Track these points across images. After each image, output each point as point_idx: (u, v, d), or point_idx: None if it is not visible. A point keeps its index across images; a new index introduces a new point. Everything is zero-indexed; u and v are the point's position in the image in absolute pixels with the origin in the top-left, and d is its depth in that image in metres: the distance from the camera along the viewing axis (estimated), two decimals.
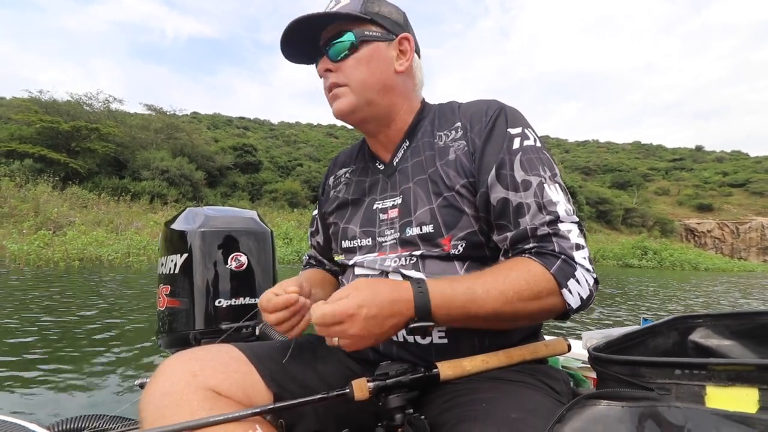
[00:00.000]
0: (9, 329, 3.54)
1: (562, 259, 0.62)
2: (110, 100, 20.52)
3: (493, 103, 0.76)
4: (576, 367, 0.94)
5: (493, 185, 0.68)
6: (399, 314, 0.58)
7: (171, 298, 1.13)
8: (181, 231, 1.16)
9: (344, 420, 0.70)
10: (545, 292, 0.61)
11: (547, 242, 0.64)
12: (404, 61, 0.77)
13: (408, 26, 0.80)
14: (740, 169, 53.12)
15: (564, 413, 0.44)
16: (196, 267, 1.12)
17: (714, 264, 27.02)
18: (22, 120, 17.28)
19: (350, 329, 0.56)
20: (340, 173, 0.92)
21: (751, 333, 0.49)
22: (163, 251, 1.20)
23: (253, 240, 1.19)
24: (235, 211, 1.25)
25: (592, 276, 0.64)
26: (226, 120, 51.68)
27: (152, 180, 18.01)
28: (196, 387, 0.59)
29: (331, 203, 0.89)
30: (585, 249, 0.65)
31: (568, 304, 0.62)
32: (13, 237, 9.59)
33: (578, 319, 5.13)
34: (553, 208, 0.65)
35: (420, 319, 0.59)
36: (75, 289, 5.92)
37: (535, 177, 0.67)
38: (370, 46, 0.74)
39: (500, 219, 0.68)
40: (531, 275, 0.61)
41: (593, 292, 0.65)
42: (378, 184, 0.82)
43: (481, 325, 0.63)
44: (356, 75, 0.74)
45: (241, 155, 25.59)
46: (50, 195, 13.74)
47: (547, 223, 0.65)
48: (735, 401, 0.36)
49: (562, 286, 0.61)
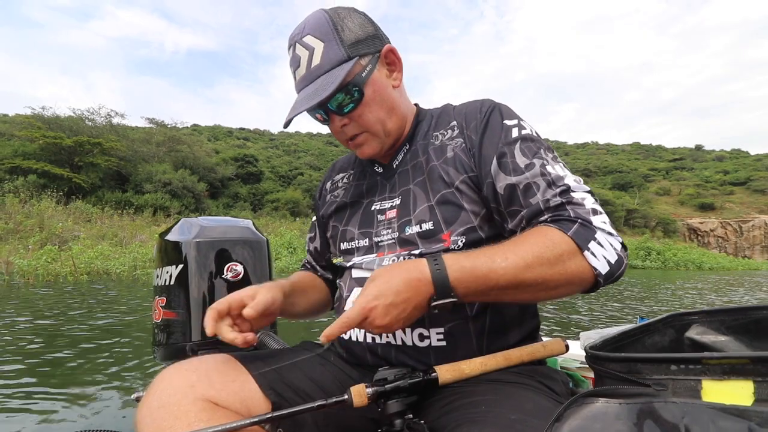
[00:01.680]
0: (11, 341, 3.54)
1: (579, 223, 0.61)
2: (112, 114, 20.79)
3: (487, 101, 0.78)
4: (575, 367, 0.93)
5: (497, 174, 0.68)
6: (418, 293, 0.57)
7: (167, 310, 1.12)
8: (175, 242, 1.15)
9: (343, 427, 0.69)
10: (566, 255, 0.58)
11: (562, 210, 0.63)
12: (397, 74, 0.77)
13: (379, 32, 0.76)
14: (741, 168, 53.03)
15: (562, 412, 0.44)
16: (191, 278, 1.11)
17: (718, 263, 26.84)
18: (26, 136, 17.45)
19: (375, 321, 0.57)
20: (337, 178, 0.93)
21: (746, 328, 0.49)
22: (159, 263, 1.19)
23: (248, 249, 1.19)
24: (230, 221, 1.25)
25: (617, 240, 0.62)
26: (227, 131, 52.10)
27: (155, 193, 18.12)
28: (193, 398, 0.58)
29: (329, 207, 0.89)
30: (603, 214, 0.63)
31: (595, 269, 0.59)
32: (20, 253, 9.63)
33: (576, 321, 5.08)
34: (561, 181, 0.65)
35: (440, 296, 0.58)
36: (83, 302, 5.92)
37: (537, 159, 0.67)
38: (370, 82, 0.71)
39: (511, 205, 0.67)
40: (549, 239, 0.59)
41: (622, 256, 0.61)
42: (376, 187, 0.82)
43: (506, 297, 0.61)
44: (370, 118, 0.73)
45: (242, 166, 25.76)
46: (54, 210, 13.82)
47: (559, 194, 0.64)
48: (730, 394, 0.36)
49: (583, 248, 0.59)
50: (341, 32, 0.70)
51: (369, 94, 0.72)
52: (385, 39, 0.76)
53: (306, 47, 0.70)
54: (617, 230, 0.63)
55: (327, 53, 0.69)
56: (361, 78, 0.70)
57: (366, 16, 0.75)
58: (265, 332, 1.06)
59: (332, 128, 0.77)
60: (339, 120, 0.74)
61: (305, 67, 0.71)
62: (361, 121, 0.74)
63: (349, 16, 0.73)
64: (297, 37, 0.71)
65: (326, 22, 0.70)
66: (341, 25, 0.70)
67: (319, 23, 0.70)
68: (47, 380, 2.72)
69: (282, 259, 11.98)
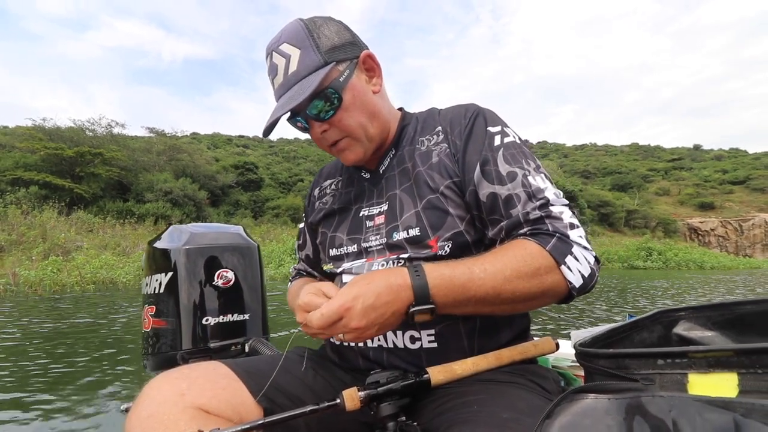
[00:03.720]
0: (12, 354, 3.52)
1: (557, 237, 0.62)
2: (112, 124, 20.85)
3: (471, 106, 0.78)
4: (566, 366, 0.94)
5: (480, 182, 0.69)
6: (397, 299, 0.57)
7: (156, 319, 1.10)
8: (164, 249, 1.13)
9: (337, 431, 0.69)
10: (543, 269, 0.60)
11: (541, 224, 0.64)
12: (376, 79, 0.77)
13: (356, 38, 0.76)
14: (740, 167, 53.04)
15: (553, 409, 0.44)
16: (181, 285, 1.09)
17: (719, 262, 26.73)
18: (27, 148, 17.52)
19: (351, 322, 0.55)
20: (325, 185, 0.93)
21: (732, 323, 0.50)
22: (147, 271, 1.17)
23: (239, 256, 1.17)
24: (220, 227, 1.23)
25: (591, 254, 0.64)
26: (226, 139, 52.25)
27: (156, 202, 18.15)
28: (183, 406, 0.57)
29: (317, 213, 0.89)
30: (579, 228, 0.65)
31: (569, 282, 0.61)
32: (25, 264, 9.64)
33: (569, 320, 5.05)
34: (541, 194, 0.66)
35: (419, 302, 0.57)
36: (84, 311, 5.90)
37: (520, 169, 0.68)
38: (348, 87, 0.71)
39: (492, 214, 0.68)
40: (527, 253, 0.61)
41: (595, 270, 0.64)
42: (364, 193, 0.82)
43: (484, 309, 0.62)
44: (350, 123, 0.73)
45: (242, 173, 25.81)
46: (56, 221, 13.84)
47: (538, 207, 0.65)
48: (716, 387, 0.37)
49: (560, 263, 0.61)
50: (317, 39, 0.70)
51: (348, 99, 0.72)
52: (362, 46, 0.76)
53: (283, 55, 0.71)
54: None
55: (303, 60, 0.70)
56: (339, 83, 0.70)
57: (343, 24, 0.76)
58: (257, 339, 1.05)
59: (313, 135, 0.77)
60: (319, 126, 0.74)
61: (282, 75, 0.71)
62: (341, 126, 0.73)
63: (326, 23, 0.73)
64: (274, 46, 0.72)
65: (302, 30, 0.71)
66: (317, 33, 0.71)
67: (296, 31, 0.71)
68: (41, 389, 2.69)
69: (285, 265, 11.97)
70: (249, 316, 1.15)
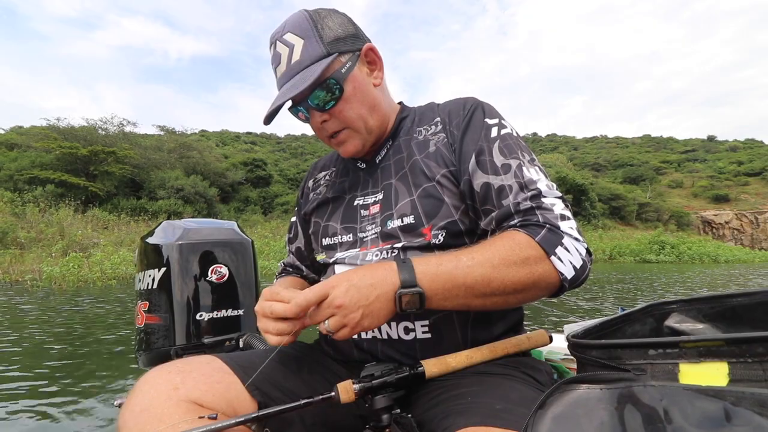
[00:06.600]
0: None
1: (547, 228, 0.62)
2: (124, 123, 21.23)
3: (470, 99, 0.79)
4: (559, 359, 0.94)
5: (474, 172, 0.69)
6: (383, 282, 0.57)
7: (149, 315, 1.10)
8: (156, 245, 1.13)
9: (331, 425, 0.69)
10: (533, 259, 0.59)
11: (531, 215, 0.64)
12: (378, 72, 0.77)
13: (359, 32, 0.77)
14: (755, 158, 51.78)
15: (545, 399, 0.44)
16: (174, 281, 1.08)
17: (734, 255, 26.20)
18: (42, 147, 17.94)
19: (335, 300, 0.55)
20: (320, 176, 0.93)
21: (723, 315, 0.49)
22: (140, 266, 1.16)
23: (233, 251, 1.16)
24: (213, 223, 1.23)
25: (583, 245, 0.63)
26: (234, 136, 52.75)
27: (168, 199, 18.48)
28: (177, 400, 0.57)
29: (311, 204, 0.89)
30: (571, 220, 0.64)
31: (561, 274, 0.60)
32: (48, 261, 9.90)
33: (563, 314, 4.98)
34: (533, 185, 0.66)
35: (405, 285, 0.57)
36: (98, 307, 6.03)
37: (514, 160, 0.68)
38: (350, 78, 0.72)
39: (485, 204, 0.68)
40: (515, 243, 0.60)
41: (587, 262, 0.63)
42: (359, 182, 0.83)
43: (476, 301, 0.60)
44: (351, 114, 0.73)
45: (251, 170, 26.06)
46: (73, 218, 14.19)
47: (529, 198, 0.65)
48: (707, 376, 0.36)
49: (549, 253, 0.60)
50: (321, 30, 0.71)
51: (349, 90, 0.72)
52: (365, 39, 0.77)
53: (286, 44, 0.71)
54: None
55: (306, 49, 0.70)
56: (340, 74, 0.71)
57: (346, 17, 0.76)
58: (251, 334, 1.05)
59: (313, 125, 0.77)
60: (319, 116, 0.74)
61: (285, 64, 0.72)
62: (341, 117, 0.74)
63: (330, 15, 0.74)
64: (278, 35, 0.72)
65: (306, 20, 0.71)
66: (321, 24, 0.71)
67: (300, 21, 0.71)
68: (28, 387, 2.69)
69: None
70: (243, 311, 1.14)
